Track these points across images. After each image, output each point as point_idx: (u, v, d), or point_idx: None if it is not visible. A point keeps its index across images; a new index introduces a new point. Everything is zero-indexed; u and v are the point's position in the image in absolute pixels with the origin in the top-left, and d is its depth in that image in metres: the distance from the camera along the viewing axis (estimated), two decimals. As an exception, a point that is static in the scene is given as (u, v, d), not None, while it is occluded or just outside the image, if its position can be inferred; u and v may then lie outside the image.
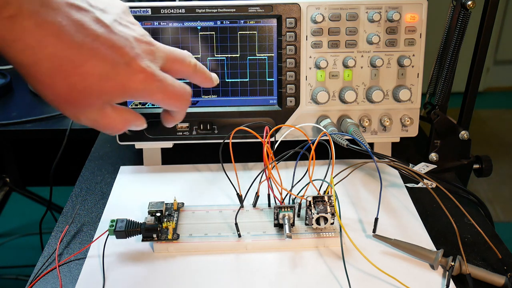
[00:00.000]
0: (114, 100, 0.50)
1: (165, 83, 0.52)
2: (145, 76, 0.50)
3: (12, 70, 1.18)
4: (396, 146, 0.81)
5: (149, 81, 0.50)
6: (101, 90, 0.48)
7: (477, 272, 0.58)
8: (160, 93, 0.52)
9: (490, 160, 0.81)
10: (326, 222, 0.61)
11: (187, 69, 0.57)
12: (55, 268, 0.60)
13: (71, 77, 0.46)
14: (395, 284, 0.57)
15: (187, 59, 0.57)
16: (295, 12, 0.73)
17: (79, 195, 0.74)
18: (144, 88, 0.50)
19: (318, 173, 0.71)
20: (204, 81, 0.61)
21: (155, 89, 0.51)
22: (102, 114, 0.50)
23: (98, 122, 0.51)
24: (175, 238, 0.62)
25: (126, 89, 0.49)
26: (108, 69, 0.47)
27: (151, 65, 0.51)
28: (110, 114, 0.51)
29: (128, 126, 0.54)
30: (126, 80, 0.48)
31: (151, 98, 0.52)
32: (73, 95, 0.47)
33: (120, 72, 0.48)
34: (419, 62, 0.76)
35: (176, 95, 0.54)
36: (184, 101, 0.55)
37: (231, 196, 0.72)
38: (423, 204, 0.72)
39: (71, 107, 0.48)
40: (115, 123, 0.52)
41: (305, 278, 0.58)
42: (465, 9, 0.73)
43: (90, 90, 0.47)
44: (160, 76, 0.52)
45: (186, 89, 0.55)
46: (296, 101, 0.76)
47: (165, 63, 0.54)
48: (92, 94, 0.47)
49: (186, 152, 0.84)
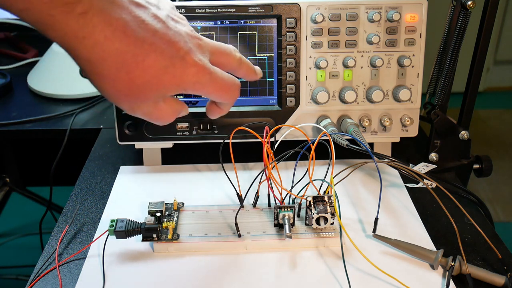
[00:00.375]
0: (169, 93, 0.52)
1: (215, 75, 0.54)
2: (197, 69, 0.51)
3: (12, 70, 1.19)
4: (396, 146, 0.81)
5: (201, 74, 0.52)
6: (159, 83, 0.49)
7: (477, 272, 0.58)
8: (211, 86, 0.54)
9: (490, 160, 0.81)
10: (326, 222, 0.61)
11: (233, 62, 0.58)
12: (55, 268, 0.60)
13: (133, 71, 0.47)
14: (395, 284, 0.57)
15: (232, 52, 0.58)
16: (295, 12, 0.73)
17: (79, 195, 0.74)
18: (196, 80, 0.52)
19: (318, 173, 0.71)
20: (248, 74, 0.62)
21: (207, 81, 0.53)
22: (155, 107, 0.52)
23: (151, 115, 0.53)
24: (175, 238, 0.62)
25: (181, 82, 0.51)
26: (166, 63, 0.49)
27: (202, 58, 0.52)
28: (162, 106, 0.53)
29: (176, 116, 0.56)
30: (181, 74, 0.50)
31: (203, 91, 0.54)
32: (133, 89, 0.48)
33: (176, 66, 0.50)
34: (419, 62, 0.76)
35: (226, 87, 0.55)
36: (233, 92, 0.57)
37: (231, 196, 0.72)
38: (423, 204, 0.72)
39: (129, 101, 0.50)
40: (167, 115, 0.54)
41: (305, 278, 0.58)
42: (465, 9, 0.73)
43: (150, 84, 0.49)
44: (211, 69, 0.53)
45: (235, 81, 0.57)
46: (296, 101, 0.76)
47: (212, 56, 0.55)
48: (152, 88, 0.49)
49: (186, 152, 0.84)
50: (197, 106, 0.77)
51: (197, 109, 0.76)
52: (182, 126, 0.76)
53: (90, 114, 0.99)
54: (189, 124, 0.76)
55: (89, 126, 0.94)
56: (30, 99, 1.05)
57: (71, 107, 1.00)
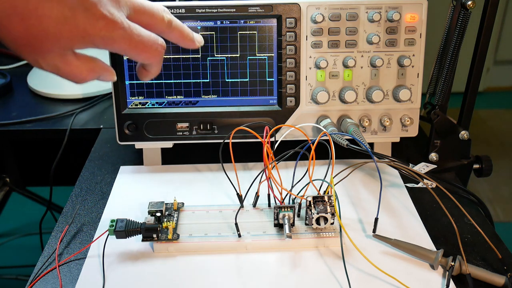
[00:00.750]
0: (74, 46, 0.49)
1: (130, 31, 0.50)
2: (106, 22, 0.48)
3: (12, 70, 1.19)
4: (396, 146, 0.81)
5: (111, 29, 0.49)
6: (58, 34, 0.47)
7: (477, 272, 0.58)
8: (124, 42, 0.50)
9: (490, 160, 0.81)
10: (326, 222, 0.61)
11: (159, 24, 0.55)
12: (55, 268, 0.60)
13: (27, 20, 0.45)
14: (395, 284, 0.57)
15: (160, 13, 0.55)
16: (295, 12, 0.73)
17: (79, 195, 0.74)
18: (105, 35, 0.49)
19: (318, 173, 0.71)
20: (181, 39, 0.58)
21: (118, 37, 0.50)
22: (63, 60, 0.49)
23: (60, 69, 0.50)
24: (175, 238, 0.62)
25: (85, 35, 0.48)
26: (66, 13, 0.46)
27: (114, 12, 0.49)
28: (73, 61, 0.50)
29: (94, 76, 0.53)
30: (85, 26, 0.47)
31: (114, 47, 0.51)
32: (30, 38, 0.46)
33: (78, 17, 0.47)
34: (419, 62, 0.76)
35: (143, 45, 0.52)
36: (153, 52, 0.53)
37: (231, 196, 0.72)
38: (423, 204, 0.72)
39: (30, 52, 0.47)
40: (78, 71, 0.51)
41: (305, 278, 0.58)
42: (465, 9, 0.73)
43: (47, 33, 0.46)
44: (123, 24, 0.50)
45: (157, 40, 0.53)
46: (296, 101, 0.76)
47: (132, 13, 0.52)
48: (49, 38, 0.46)
49: (186, 152, 0.84)
50: (197, 106, 0.77)
51: (197, 109, 0.76)
52: (182, 126, 0.76)
53: (90, 114, 0.99)
54: (189, 124, 0.76)
55: (89, 126, 0.94)
56: (30, 99, 1.05)
57: (71, 107, 1.00)
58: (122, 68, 0.74)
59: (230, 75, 0.75)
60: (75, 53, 0.50)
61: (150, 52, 0.53)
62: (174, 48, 0.74)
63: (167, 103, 0.76)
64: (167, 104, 0.76)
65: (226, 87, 0.76)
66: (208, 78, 0.75)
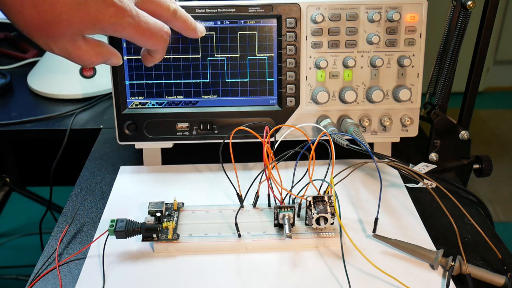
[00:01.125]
0: (85, 32, 0.50)
1: (137, 19, 0.52)
2: (116, 10, 0.50)
3: (12, 70, 1.19)
4: (396, 146, 0.81)
5: (120, 16, 0.50)
6: (70, 20, 0.48)
7: (477, 272, 0.58)
8: (132, 29, 0.52)
9: (490, 160, 0.81)
10: (326, 222, 0.61)
11: (164, 13, 0.56)
12: (55, 268, 0.60)
13: (40, 5, 0.46)
14: (395, 284, 0.57)
15: (166, 2, 0.56)
16: (295, 12, 0.73)
17: (79, 195, 0.74)
18: (114, 22, 0.50)
19: (318, 173, 0.71)
20: (185, 29, 0.60)
21: (126, 24, 0.51)
22: (74, 45, 0.50)
23: (70, 53, 0.51)
24: (175, 238, 0.62)
25: (96, 22, 0.49)
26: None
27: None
28: (83, 46, 0.51)
29: (102, 60, 0.54)
30: (96, 12, 0.49)
31: (122, 33, 0.52)
32: (42, 23, 0.47)
33: (90, 4, 0.48)
34: (419, 62, 0.76)
35: (150, 32, 0.54)
36: (159, 39, 0.55)
37: (231, 196, 0.72)
38: (423, 204, 0.72)
39: (42, 36, 0.49)
40: (88, 56, 0.52)
41: (305, 278, 0.58)
42: (465, 9, 0.73)
43: (60, 19, 0.47)
44: (132, 11, 0.51)
45: (163, 27, 0.55)
46: (296, 101, 0.76)
47: (139, 1, 0.53)
48: (62, 24, 0.48)
49: (186, 152, 0.84)
50: (197, 106, 0.77)
51: (197, 109, 0.76)
52: (182, 126, 0.76)
53: (90, 114, 0.99)
54: (189, 124, 0.76)
55: (89, 126, 0.94)
56: (30, 99, 1.05)
57: (71, 107, 1.00)
58: (122, 68, 0.74)
59: (230, 75, 0.75)
60: (85, 38, 0.51)
61: (156, 39, 0.55)
62: (174, 48, 0.74)
63: (167, 103, 0.76)
64: (167, 104, 0.76)
65: (226, 87, 0.76)
66: (208, 78, 0.75)
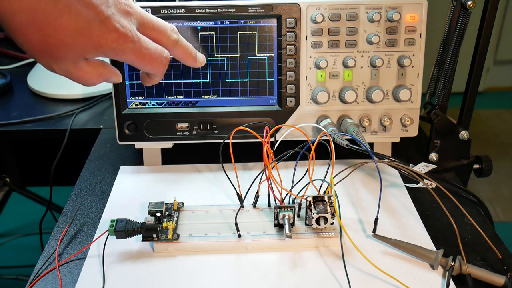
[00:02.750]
0: (87, 55, 0.52)
1: (138, 45, 0.53)
2: (118, 35, 0.51)
3: (12, 70, 1.19)
4: (396, 146, 0.81)
5: (122, 41, 0.51)
6: (73, 44, 0.49)
7: (477, 272, 0.58)
8: (133, 54, 0.53)
9: (490, 160, 0.81)
10: (326, 222, 0.61)
11: (165, 41, 0.58)
12: (55, 268, 0.60)
13: (44, 29, 0.47)
14: (395, 284, 0.57)
15: (167, 32, 0.58)
16: (295, 12, 0.73)
17: (79, 195, 0.74)
18: (116, 47, 0.51)
19: (318, 173, 0.71)
20: (185, 58, 0.61)
21: (127, 49, 0.52)
22: (75, 66, 0.52)
23: (71, 74, 0.52)
24: (175, 238, 0.62)
25: (98, 46, 0.50)
26: (82, 25, 0.48)
27: (126, 25, 0.52)
28: (84, 67, 0.52)
29: (102, 80, 0.55)
30: (99, 38, 0.50)
31: (123, 58, 0.53)
32: (46, 46, 0.48)
33: (93, 29, 0.49)
34: (419, 62, 0.76)
35: (150, 58, 0.55)
36: (158, 64, 0.56)
37: (231, 196, 0.72)
38: (423, 204, 0.72)
39: (45, 58, 0.50)
40: (88, 76, 0.53)
41: (305, 278, 0.58)
42: (465, 9, 0.73)
43: (63, 43, 0.48)
44: (134, 37, 0.52)
45: (162, 53, 0.56)
46: (296, 101, 0.76)
47: (140, 27, 0.54)
48: (65, 47, 0.49)
49: (186, 152, 0.84)
50: (197, 106, 0.77)
51: (197, 109, 0.76)
52: (182, 126, 0.76)
53: (90, 114, 0.99)
54: (189, 124, 0.76)
55: (89, 126, 0.94)
56: (30, 99, 1.05)
57: (71, 107, 1.00)
58: (122, 68, 0.74)
59: (230, 75, 0.75)
60: (86, 59, 0.52)
61: (156, 64, 0.56)
62: (174, 48, 0.74)
63: (167, 103, 0.76)
64: (167, 104, 0.76)
65: (226, 87, 0.76)
66: (208, 78, 0.75)
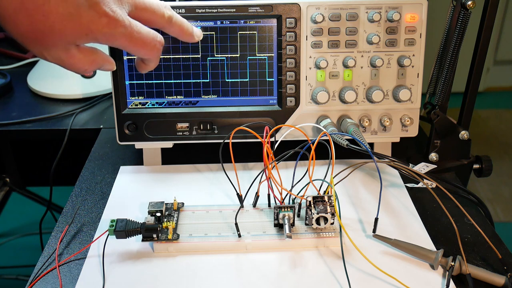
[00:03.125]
0: (78, 41, 0.51)
1: (130, 29, 0.53)
2: (108, 20, 0.50)
3: (12, 70, 1.19)
4: (396, 146, 0.81)
5: (113, 26, 0.51)
6: (63, 30, 0.49)
7: (477, 272, 0.58)
8: (124, 39, 0.53)
9: (490, 160, 0.81)
10: (326, 222, 0.61)
11: (159, 20, 0.57)
12: (55, 268, 0.60)
13: (33, 15, 0.47)
14: (395, 284, 0.57)
15: (160, 9, 0.57)
16: (295, 12, 0.73)
17: (79, 195, 0.74)
18: (107, 32, 0.51)
19: (318, 173, 0.71)
20: (181, 34, 0.61)
21: (119, 34, 0.52)
22: (67, 53, 0.51)
23: (63, 61, 0.52)
24: (175, 238, 0.62)
25: (89, 32, 0.50)
26: (71, 10, 0.48)
27: (116, 9, 0.51)
28: (76, 54, 0.52)
29: (95, 67, 0.55)
30: (89, 23, 0.49)
31: (115, 43, 0.53)
32: (36, 33, 0.48)
33: (83, 15, 0.49)
34: (419, 62, 0.76)
35: (142, 42, 0.55)
36: (152, 48, 0.56)
37: (231, 196, 0.72)
38: (423, 204, 0.72)
39: (36, 45, 0.50)
40: (80, 63, 0.53)
41: (305, 278, 0.58)
42: (465, 9, 0.73)
43: (52, 29, 0.48)
44: (125, 22, 0.52)
45: (156, 37, 0.56)
46: (296, 101, 0.76)
47: (133, 10, 0.54)
48: (55, 34, 0.49)
49: (186, 152, 0.84)
50: (197, 106, 0.77)
51: (197, 109, 0.76)
52: (182, 126, 0.76)
53: (90, 114, 0.99)
54: (189, 124, 0.76)
55: (89, 126, 0.94)
56: (30, 99, 1.05)
57: (71, 107, 1.00)
58: (122, 68, 0.74)
59: (230, 75, 0.75)
60: (78, 46, 0.52)
61: (149, 49, 0.56)
62: (174, 48, 0.74)
63: (167, 103, 0.76)
64: (167, 104, 0.76)
65: (226, 87, 0.76)
66: (208, 78, 0.75)
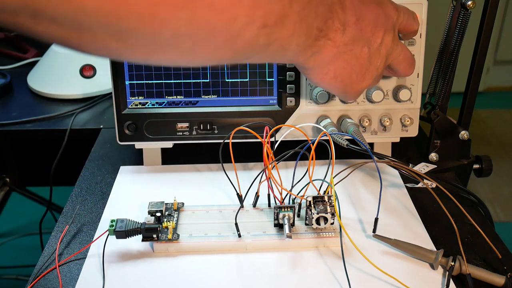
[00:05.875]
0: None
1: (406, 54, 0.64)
2: (377, 76, 0.61)
3: (12, 70, 1.19)
4: (396, 146, 0.81)
5: (376, 76, 0.62)
6: (368, 86, 0.61)
7: (477, 272, 0.58)
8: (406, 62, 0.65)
9: (490, 160, 0.81)
10: (326, 222, 0.61)
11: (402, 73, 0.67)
12: (55, 268, 0.60)
13: (350, 85, 0.59)
14: (395, 284, 0.57)
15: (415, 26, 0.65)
16: (295, 12, 0.73)
17: (79, 195, 0.74)
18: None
19: (318, 173, 0.71)
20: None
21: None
22: None
23: None
24: (175, 238, 0.62)
25: (381, 74, 0.62)
26: (373, 83, 0.62)
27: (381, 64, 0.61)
28: None
29: None
30: (381, 68, 0.61)
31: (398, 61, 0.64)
32: (346, 91, 0.60)
33: (379, 71, 0.61)
34: (419, 62, 0.75)
35: (412, 61, 0.66)
36: (414, 65, 0.66)
37: (231, 196, 0.72)
38: (423, 204, 0.72)
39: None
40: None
41: (305, 278, 0.58)
42: (465, 9, 0.73)
43: (362, 89, 0.61)
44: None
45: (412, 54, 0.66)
46: (296, 101, 0.76)
47: (389, 59, 0.62)
48: (361, 90, 0.61)
49: (186, 152, 0.84)
50: (197, 106, 0.77)
51: (197, 109, 0.76)
52: (182, 126, 0.76)
53: (90, 114, 0.99)
54: (189, 124, 0.76)
55: (89, 126, 0.94)
56: (30, 99, 1.05)
57: (71, 107, 1.00)
58: (122, 68, 0.74)
59: (230, 75, 0.75)
60: None
61: (413, 66, 0.66)
62: (174, 48, 0.73)
63: (167, 103, 0.76)
64: (167, 104, 0.76)
65: (226, 87, 0.76)
66: (208, 78, 0.75)
